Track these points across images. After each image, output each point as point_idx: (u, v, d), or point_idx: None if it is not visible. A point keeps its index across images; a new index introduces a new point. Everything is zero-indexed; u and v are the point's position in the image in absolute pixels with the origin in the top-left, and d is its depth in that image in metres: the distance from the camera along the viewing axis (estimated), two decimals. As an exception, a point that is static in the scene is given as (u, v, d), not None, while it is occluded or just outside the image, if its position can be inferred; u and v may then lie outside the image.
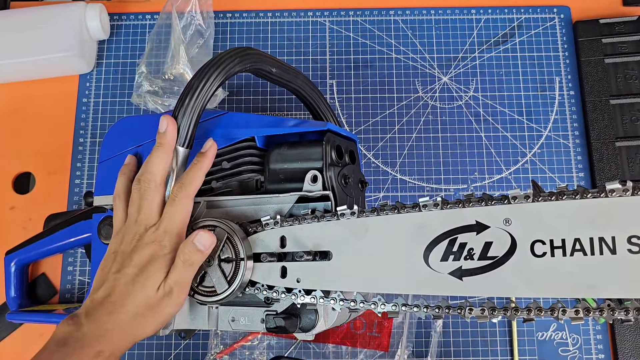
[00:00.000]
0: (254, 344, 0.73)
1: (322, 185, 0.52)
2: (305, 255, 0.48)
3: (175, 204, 0.51)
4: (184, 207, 0.51)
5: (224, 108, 0.82)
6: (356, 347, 0.73)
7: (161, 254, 0.49)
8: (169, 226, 0.50)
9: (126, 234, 0.52)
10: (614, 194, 0.39)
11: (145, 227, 0.51)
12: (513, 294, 0.41)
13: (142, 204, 0.51)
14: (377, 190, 0.79)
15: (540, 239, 0.40)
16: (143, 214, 0.51)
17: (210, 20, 0.83)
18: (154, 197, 0.52)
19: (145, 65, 0.80)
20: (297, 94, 0.64)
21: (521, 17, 0.85)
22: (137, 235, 0.51)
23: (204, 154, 0.53)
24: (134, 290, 0.48)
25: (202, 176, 0.53)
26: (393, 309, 0.47)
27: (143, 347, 0.74)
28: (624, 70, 0.80)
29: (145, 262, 0.49)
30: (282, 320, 0.50)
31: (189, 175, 0.52)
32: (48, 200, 0.80)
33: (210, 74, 0.53)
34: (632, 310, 0.39)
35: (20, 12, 0.82)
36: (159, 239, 0.50)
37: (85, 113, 0.83)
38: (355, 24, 0.86)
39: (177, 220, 0.51)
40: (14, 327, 0.75)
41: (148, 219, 0.51)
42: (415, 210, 0.45)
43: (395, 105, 0.82)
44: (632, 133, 0.78)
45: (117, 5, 0.88)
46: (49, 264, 0.78)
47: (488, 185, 0.79)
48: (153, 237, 0.50)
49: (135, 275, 0.49)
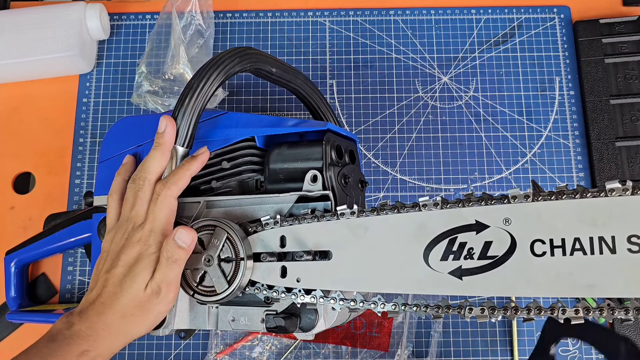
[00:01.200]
0: (254, 344, 0.73)
1: (322, 185, 0.52)
2: (305, 254, 0.48)
3: (158, 203, 0.51)
4: (166, 206, 0.51)
5: (224, 108, 0.82)
6: (356, 347, 0.73)
7: (147, 253, 0.50)
8: (154, 225, 0.50)
9: (117, 232, 0.52)
10: (614, 193, 0.39)
11: (134, 226, 0.51)
12: (513, 293, 0.41)
13: (135, 202, 0.52)
14: (377, 190, 0.79)
15: (540, 238, 0.40)
16: (134, 212, 0.52)
17: (210, 20, 0.83)
18: (146, 196, 0.52)
19: (145, 65, 0.80)
20: (297, 94, 0.64)
21: (521, 17, 0.85)
22: (126, 234, 0.51)
23: (195, 157, 0.53)
24: (122, 291, 0.49)
25: (187, 178, 0.52)
26: (393, 309, 0.47)
27: (143, 347, 0.74)
28: (624, 70, 0.80)
29: (132, 262, 0.50)
30: (282, 320, 0.50)
31: (175, 175, 0.52)
32: (48, 200, 0.80)
33: (210, 74, 0.53)
34: (632, 309, 0.39)
35: (20, 12, 0.82)
36: (144, 238, 0.50)
37: (85, 113, 0.83)
38: (355, 24, 0.86)
39: (161, 219, 0.51)
40: (14, 327, 0.75)
41: (137, 218, 0.51)
42: (415, 210, 0.45)
43: (395, 105, 0.82)
44: (632, 133, 0.78)
45: (117, 5, 0.88)
46: (49, 264, 0.78)
47: (488, 185, 0.79)
48: (139, 236, 0.50)
49: (123, 275, 0.49)
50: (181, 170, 0.52)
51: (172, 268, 0.49)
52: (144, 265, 0.49)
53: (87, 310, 0.49)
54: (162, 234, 0.51)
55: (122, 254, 0.50)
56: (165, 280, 0.49)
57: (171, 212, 0.52)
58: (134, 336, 0.50)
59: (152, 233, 0.50)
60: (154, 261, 0.50)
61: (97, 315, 0.48)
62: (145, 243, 0.50)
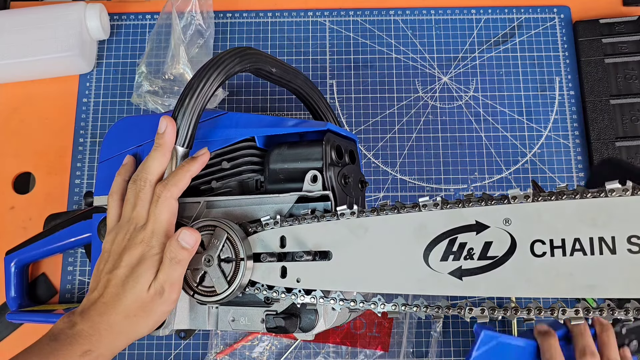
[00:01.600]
0: (254, 344, 0.73)
1: (322, 185, 0.52)
2: (305, 255, 0.48)
3: (159, 204, 0.51)
4: (167, 207, 0.51)
5: (224, 108, 0.82)
6: (356, 347, 0.73)
7: (150, 254, 0.50)
8: (155, 226, 0.50)
9: (118, 233, 0.52)
10: (614, 193, 0.39)
11: (135, 227, 0.51)
12: (513, 293, 0.41)
13: (136, 203, 0.52)
14: (377, 190, 0.79)
15: (540, 238, 0.40)
16: (135, 213, 0.52)
17: (210, 20, 0.83)
18: (147, 197, 0.52)
19: (145, 65, 0.80)
20: (297, 94, 0.64)
21: (521, 17, 0.85)
22: (127, 235, 0.51)
23: (195, 158, 0.53)
24: (125, 291, 0.49)
25: (188, 179, 0.52)
26: (393, 309, 0.47)
27: (143, 347, 0.74)
28: (624, 70, 0.80)
29: (135, 263, 0.50)
30: (282, 320, 0.50)
31: (175, 176, 0.52)
32: (48, 200, 0.80)
33: (210, 74, 0.53)
34: (632, 310, 0.39)
35: (20, 12, 0.82)
36: (147, 240, 0.50)
37: (85, 113, 0.83)
38: (355, 24, 0.86)
39: (163, 220, 0.51)
40: (14, 327, 0.75)
41: (139, 219, 0.51)
42: (415, 210, 0.45)
43: (395, 105, 0.82)
44: (632, 133, 0.78)
45: (117, 5, 0.88)
46: (49, 264, 0.78)
47: (488, 185, 0.79)
48: (141, 237, 0.50)
49: (126, 276, 0.49)
50: (181, 171, 0.52)
51: (176, 269, 0.49)
52: (147, 266, 0.49)
53: (89, 310, 0.49)
54: (164, 235, 0.51)
55: (124, 255, 0.50)
56: (169, 280, 0.49)
57: (172, 213, 0.52)
58: (136, 336, 0.50)
59: (154, 234, 0.50)
60: (157, 262, 0.50)
61: (99, 316, 0.48)
62: (148, 244, 0.50)
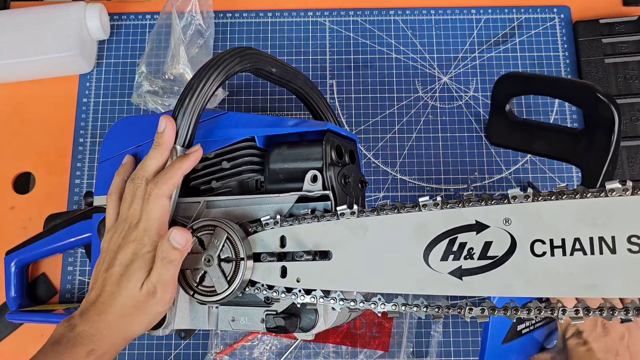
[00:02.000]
0: (254, 344, 0.73)
1: (322, 185, 0.52)
2: (305, 255, 0.48)
3: (150, 202, 0.51)
4: (157, 205, 0.51)
5: (224, 108, 0.82)
6: (356, 347, 0.73)
7: (141, 252, 0.50)
8: (147, 224, 0.50)
9: (115, 232, 0.52)
10: (614, 193, 0.39)
11: (130, 225, 0.51)
12: (513, 293, 0.41)
13: (133, 201, 0.52)
14: (377, 190, 0.79)
15: (540, 238, 0.40)
16: (132, 211, 0.52)
17: (210, 20, 0.83)
18: (143, 195, 0.52)
19: (145, 65, 0.80)
20: (297, 94, 0.64)
21: (521, 17, 0.85)
22: (122, 233, 0.51)
23: (187, 156, 0.53)
24: (119, 290, 0.49)
25: (179, 176, 0.52)
26: (393, 309, 0.46)
27: (143, 347, 0.74)
28: (624, 70, 0.80)
29: (128, 261, 0.50)
30: (282, 320, 0.50)
31: (166, 174, 0.52)
32: (48, 200, 0.80)
33: (210, 74, 0.53)
34: (632, 310, 0.39)
35: (20, 12, 0.82)
36: (139, 238, 0.50)
37: (85, 113, 0.83)
38: (355, 24, 0.86)
39: (154, 218, 0.50)
40: (14, 327, 0.75)
41: (133, 217, 0.51)
42: (415, 210, 0.45)
43: (395, 105, 0.82)
44: (632, 133, 0.78)
45: (117, 5, 0.88)
46: (49, 264, 0.78)
47: (488, 185, 0.79)
48: (134, 235, 0.50)
49: (120, 274, 0.49)
50: (172, 169, 0.52)
51: (168, 269, 0.49)
52: (139, 264, 0.49)
53: (88, 311, 0.49)
54: (157, 234, 0.50)
55: (119, 253, 0.50)
56: (161, 280, 0.49)
57: (164, 211, 0.51)
58: (132, 336, 0.50)
59: (146, 232, 0.50)
60: (149, 260, 0.50)
61: (98, 315, 0.48)
62: (140, 242, 0.50)
